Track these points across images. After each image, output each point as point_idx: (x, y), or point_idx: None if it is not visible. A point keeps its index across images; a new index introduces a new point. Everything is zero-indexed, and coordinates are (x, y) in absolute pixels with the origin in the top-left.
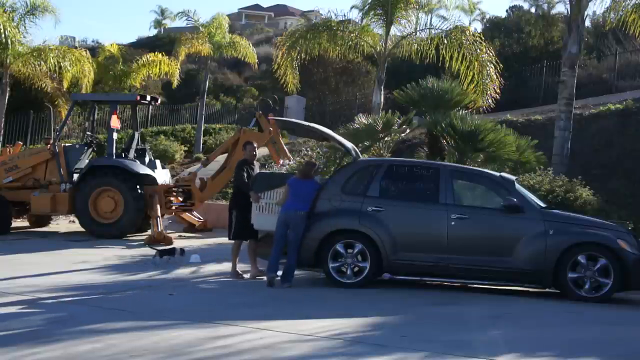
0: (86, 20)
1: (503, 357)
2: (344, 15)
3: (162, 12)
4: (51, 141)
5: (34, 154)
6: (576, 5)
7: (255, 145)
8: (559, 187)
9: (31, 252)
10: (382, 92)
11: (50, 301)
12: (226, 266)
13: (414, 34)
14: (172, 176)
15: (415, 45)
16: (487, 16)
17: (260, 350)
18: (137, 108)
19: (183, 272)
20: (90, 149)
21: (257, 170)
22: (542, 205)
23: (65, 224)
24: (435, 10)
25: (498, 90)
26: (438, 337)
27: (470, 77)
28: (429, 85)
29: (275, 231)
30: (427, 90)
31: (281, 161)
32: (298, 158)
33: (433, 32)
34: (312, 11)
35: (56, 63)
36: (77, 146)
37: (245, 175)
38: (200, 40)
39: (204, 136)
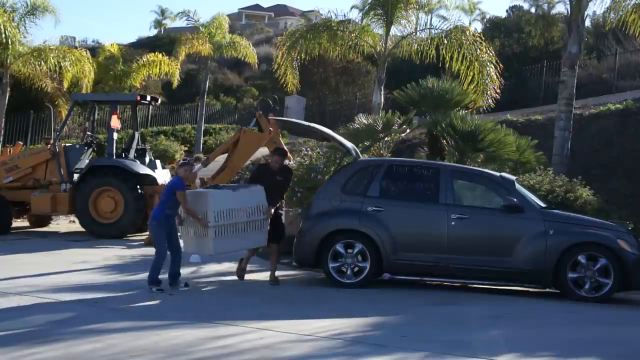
0: (86, 20)
1: (503, 357)
2: (344, 15)
3: (162, 12)
4: (51, 141)
5: (34, 154)
6: (576, 5)
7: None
8: (559, 187)
9: (31, 252)
10: (382, 92)
11: (50, 301)
12: (226, 266)
13: (414, 34)
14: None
15: (415, 45)
16: (487, 16)
17: (260, 350)
18: (137, 108)
19: (183, 272)
20: (90, 149)
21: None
22: (542, 205)
23: (65, 224)
24: (435, 10)
25: (498, 90)
26: (438, 337)
27: (470, 77)
28: (429, 85)
29: (162, 241)
30: (427, 90)
31: None
32: (298, 158)
33: (433, 32)
34: (312, 11)
35: (56, 63)
36: (77, 146)
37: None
38: (200, 41)
39: (204, 136)
